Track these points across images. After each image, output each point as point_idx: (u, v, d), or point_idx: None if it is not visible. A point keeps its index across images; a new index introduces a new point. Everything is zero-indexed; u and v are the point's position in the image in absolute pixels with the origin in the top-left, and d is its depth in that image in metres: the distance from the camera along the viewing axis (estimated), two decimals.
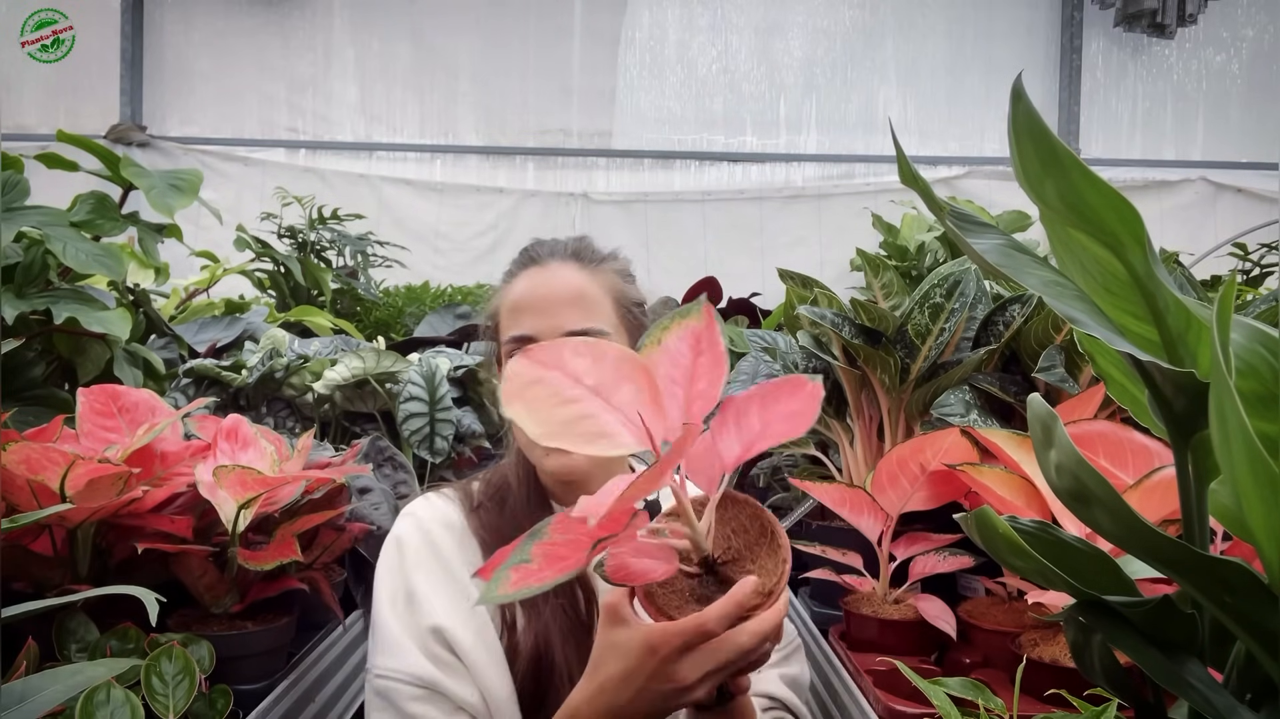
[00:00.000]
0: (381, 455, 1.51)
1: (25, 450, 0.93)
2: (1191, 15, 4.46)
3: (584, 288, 0.97)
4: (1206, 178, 4.72)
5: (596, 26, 4.85)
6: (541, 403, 0.64)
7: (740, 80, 4.89)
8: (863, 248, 1.79)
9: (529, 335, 0.95)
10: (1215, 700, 0.49)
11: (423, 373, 1.68)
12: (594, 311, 0.96)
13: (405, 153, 4.87)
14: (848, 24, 4.89)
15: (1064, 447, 0.52)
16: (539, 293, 0.97)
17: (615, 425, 0.64)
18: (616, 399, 0.65)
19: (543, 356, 0.64)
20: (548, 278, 0.98)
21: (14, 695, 0.63)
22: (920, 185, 0.55)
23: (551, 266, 0.99)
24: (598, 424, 0.64)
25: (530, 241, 1.05)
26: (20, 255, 1.32)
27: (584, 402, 0.64)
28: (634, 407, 0.65)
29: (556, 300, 0.96)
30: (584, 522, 0.61)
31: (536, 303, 0.96)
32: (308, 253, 3.00)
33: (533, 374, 0.64)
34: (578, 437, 0.64)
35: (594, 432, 0.64)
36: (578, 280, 0.97)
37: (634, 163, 4.88)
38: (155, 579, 1.03)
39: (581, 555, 0.60)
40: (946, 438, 1.12)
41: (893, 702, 0.98)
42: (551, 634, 0.91)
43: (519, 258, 1.04)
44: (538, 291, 0.97)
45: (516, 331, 0.96)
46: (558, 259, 1.00)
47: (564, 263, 0.99)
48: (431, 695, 0.89)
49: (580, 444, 0.63)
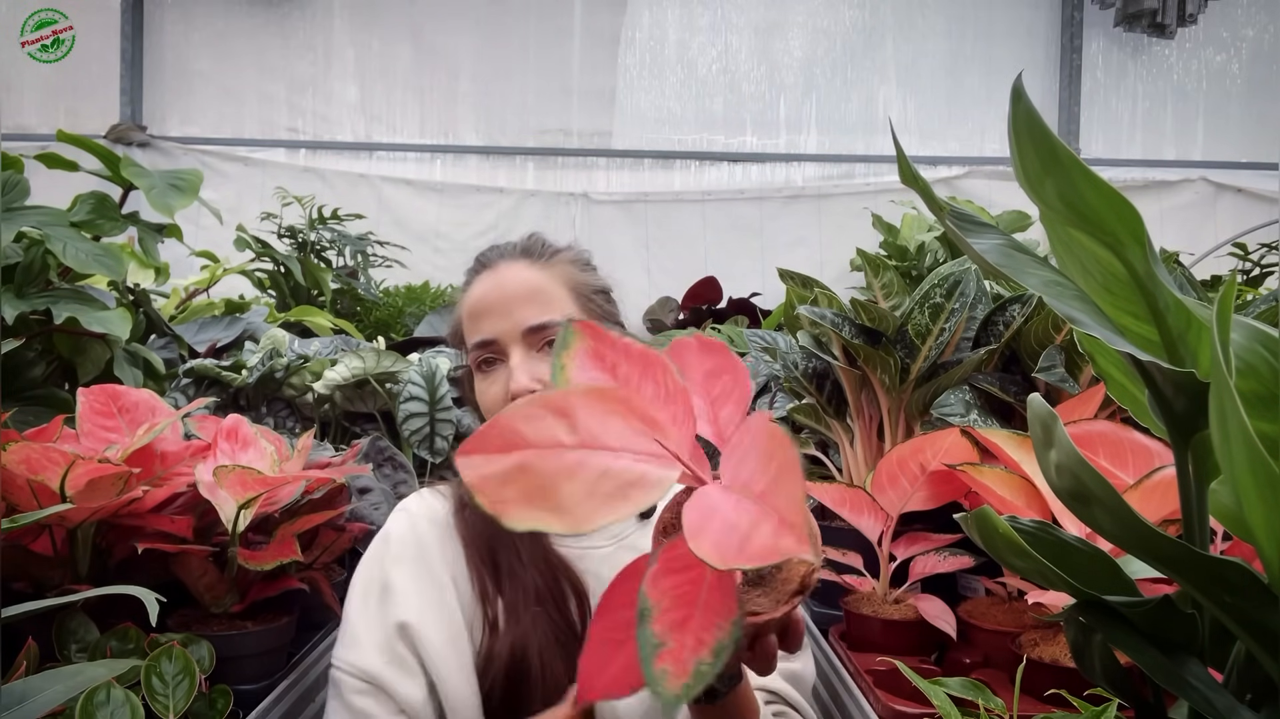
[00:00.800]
0: (381, 455, 1.51)
1: (25, 450, 0.93)
2: (1191, 15, 4.46)
3: (537, 282, 0.97)
4: (1206, 178, 4.72)
5: (596, 26, 4.85)
6: (536, 493, 0.46)
7: (740, 80, 4.89)
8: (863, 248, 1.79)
9: (489, 339, 0.96)
10: (1215, 700, 0.49)
11: (423, 373, 1.68)
12: (550, 305, 0.96)
13: (405, 153, 4.87)
14: (848, 24, 4.88)
15: (1064, 447, 0.52)
16: (492, 295, 0.97)
17: (635, 464, 0.49)
18: (615, 437, 0.49)
19: (496, 442, 0.46)
20: (499, 279, 0.98)
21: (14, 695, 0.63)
22: (920, 185, 0.55)
23: (501, 268, 0.99)
24: (618, 475, 0.48)
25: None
26: (20, 255, 1.32)
27: (585, 461, 0.48)
28: (640, 434, 0.50)
29: (511, 299, 0.96)
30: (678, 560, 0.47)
31: (492, 305, 0.97)
32: (308, 253, 3.00)
33: (498, 468, 0.46)
34: (610, 500, 0.47)
35: (622, 484, 0.47)
36: (529, 276, 0.98)
37: (634, 163, 4.88)
38: (155, 579, 1.03)
39: (730, 598, 0.46)
40: (946, 438, 1.12)
41: (893, 702, 0.98)
42: (530, 642, 0.91)
43: (471, 266, 1.04)
44: (491, 294, 0.98)
45: (477, 337, 0.97)
46: (507, 259, 1.00)
47: (514, 262, 1.00)
48: (375, 692, 0.89)
49: (622, 508, 0.46)
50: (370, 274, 3.21)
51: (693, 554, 0.44)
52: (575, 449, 0.47)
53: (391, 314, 2.97)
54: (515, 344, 0.95)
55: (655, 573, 0.47)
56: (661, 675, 0.42)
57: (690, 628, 0.45)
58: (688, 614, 0.45)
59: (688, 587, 0.47)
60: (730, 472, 0.50)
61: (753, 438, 0.50)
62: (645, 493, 0.47)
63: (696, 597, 0.46)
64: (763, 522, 0.44)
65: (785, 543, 0.42)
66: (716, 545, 0.44)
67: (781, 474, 0.46)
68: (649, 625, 0.44)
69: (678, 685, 0.42)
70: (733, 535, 0.44)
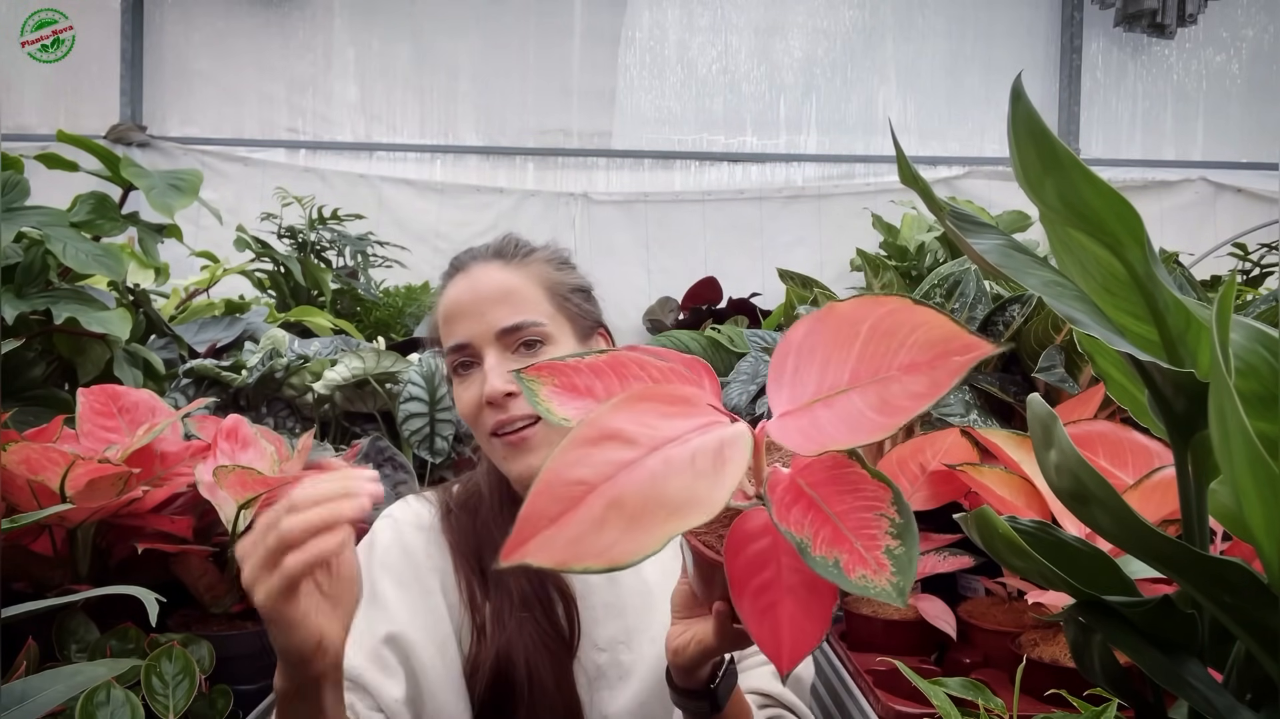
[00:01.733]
0: (381, 455, 1.51)
1: (25, 450, 0.93)
2: (1191, 15, 4.46)
3: (510, 284, 0.97)
4: (1206, 178, 4.72)
5: (596, 26, 4.85)
6: (640, 514, 0.43)
7: (740, 80, 4.89)
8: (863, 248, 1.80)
9: (464, 343, 0.95)
10: (1215, 700, 0.49)
11: (423, 373, 1.68)
12: (525, 305, 0.95)
13: (405, 153, 4.87)
14: (848, 24, 4.88)
15: (1064, 447, 0.52)
16: (465, 298, 0.97)
17: (707, 434, 0.48)
18: (669, 426, 0.48)
19: (555, 508, 0.42)
20: (472, 282, 0.98)
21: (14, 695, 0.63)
22: (920, 185, 0.55)
23: (474, 270, 0.99)
24: (704, 449, 0.47)
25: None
26: (20, 255, 1.32)
27: (669, 456, 0.46)
28: (682, 413, 0.50)
29: (483, 301, 0.96)
30: None
31: (465, 308, 0.96)
32: (308, 253, 3.00)
33: (582, 524, 0.42)
34: (715, 472, 0.46)
35: (713, 454, 0.47)
36: (501, 277, 0.97)
37: (634, 163, 4.88)
38: (155, 579, 1.03)
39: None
40: (946, 438, 1.12)
41: (893, 702, 0.98)
42: (515, 647, 0.91)
43: (446, 270, 1.04)
44: (464, 297, 0.97)
45: (452, 340, 0.97)
46: (480, 261, 1.00)
47: (487, 264, 0.99)
48: (354, 688, 0.89)
49: (731, 471, 0.46)
50: (370, 274, 3.21)
51: (793, 482, 0.48)
52: (647, 455, 0.46)
53: (391, 314, 2.97)
54: (489, 346, 0.94)
55: (778, 513, 0.48)
56: (864, 582, 0.43)
57: (844, 534, 0.46)
58: (831, 526, 0.46)
59: (810, 507, 0.48)
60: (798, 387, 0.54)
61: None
62: (736, 449, 0.47)
63: (823, 509, 0.47)
64: (850, 401, 0.49)
65: (879, 419, 0.48)
66: (823, 436, 0.49)
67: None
68: (813, 554, 0.45)
69: (886, 577, 0.43)
70: (831, 425, 0.49)
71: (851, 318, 0.53)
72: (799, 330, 0.54)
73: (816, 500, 0.49)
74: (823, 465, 0.52)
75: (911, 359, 0.50)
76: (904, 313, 0.51)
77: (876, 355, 0.52)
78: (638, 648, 0.96)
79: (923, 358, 0.50)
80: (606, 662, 0.96)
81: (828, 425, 0.51)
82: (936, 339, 0.50)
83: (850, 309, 0.53)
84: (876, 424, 0.50)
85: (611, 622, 0.97)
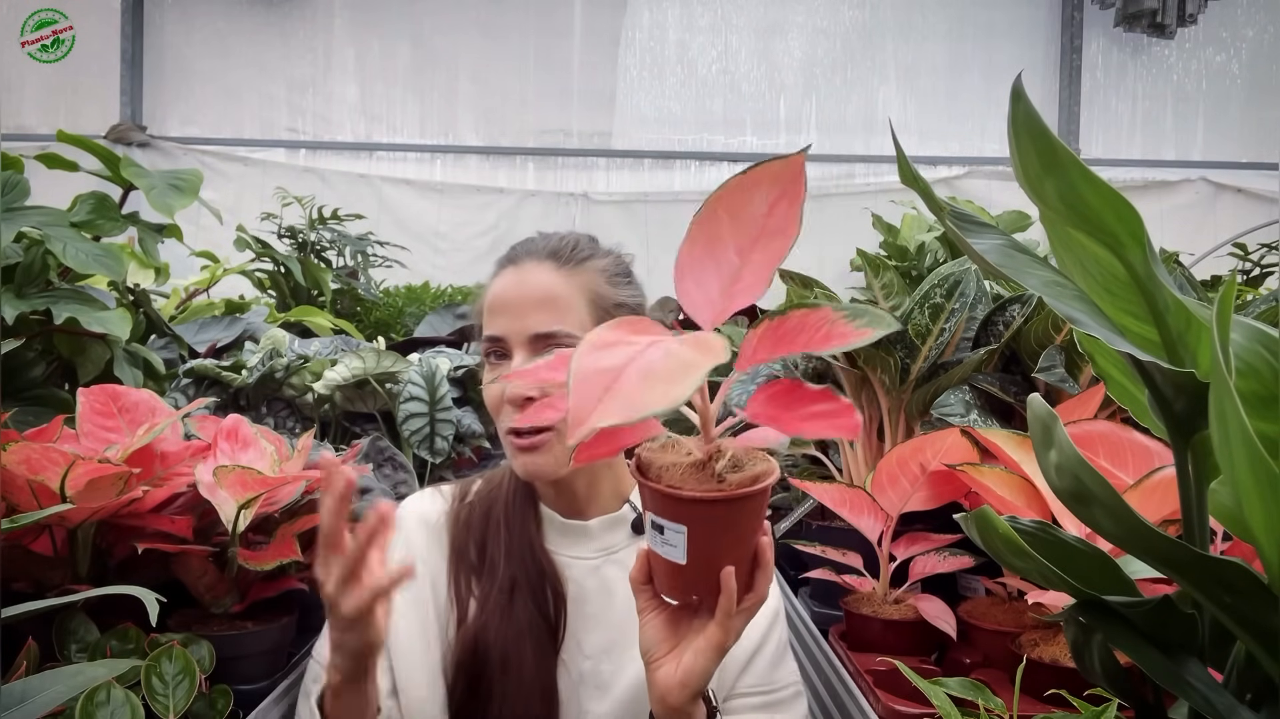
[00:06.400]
0: (381, 455, 1.51)
1: (25, 450, 0.93)
2: (1191, 15, 4.46)
3: (555, 290, 0.96)
4: (1206, 178, 4.72)
5: (596, 26, 4.85)
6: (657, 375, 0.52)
7: (740, 80, 4.89)
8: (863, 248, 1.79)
9: (498, 336, 0.96)
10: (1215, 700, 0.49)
11: (423, 373, 1.68)
12: (565, 314, 0.95)
13: (405, 153, 4.87)
14: (848, 24, 4.89)
15: (1064, 447, 0.52)
16: (509, 294, 0.97)
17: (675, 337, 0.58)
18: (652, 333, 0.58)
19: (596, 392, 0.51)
20: (520, 279, 0.97)
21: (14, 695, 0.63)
22: (920, 185, 0.55)
23: (526, 267, 0.98)
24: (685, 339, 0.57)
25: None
26: (20, 255, 1.32)
27: (658, 342, 0.56)
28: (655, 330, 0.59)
29: (526, 302, 0.95)
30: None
31: (507, 304, 0.96)
32: (308, 253, 3.00)
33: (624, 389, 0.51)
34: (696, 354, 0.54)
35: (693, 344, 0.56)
36: (549, 282, 0.96)
37: (634, 163, 4.88)
38: (155, 579, 1.03)
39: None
40: (946, 438, 1.12)
41: (893, 702, 0.98)
42: (491, 626, 0.94)
43: (501, 257, 1.03)
44: (509, 293, 0.97)
45: (489, 332, 0.97)
46: (533, 259, 0.98)
47: (539, 263, 0.98)
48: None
49: (719, 344, 0.55)
50: (370, 274, 3.20)
51: (758, 344, 0.62)
52: (648, 347, 0.55)
53: (391, 314, 2.97)
54: (521, 347, 0.94)
55: (758, 357, 0.63)
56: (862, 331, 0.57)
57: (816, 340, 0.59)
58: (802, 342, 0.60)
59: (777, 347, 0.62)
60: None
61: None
62: (708, 335, 0.57)
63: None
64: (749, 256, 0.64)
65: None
66: (751, 288, 0.63)
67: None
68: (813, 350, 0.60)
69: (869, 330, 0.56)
70: (750, 279, 0.63)
71: (709, 218, 0.64)
72: (682, 266, 0.65)
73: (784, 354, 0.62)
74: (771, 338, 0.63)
75: (768, 201, 0.63)
76: (742, 182, 0.63)
77: (743, 222, 0.63)
78: (619, 661, 0.97)
79: (774, 189, 0.62)
80: (590, 670, 0.97)
81: (748, 283, 0.63)
82: (776, 173, 0.62)
83: (704, 215, 0.64)
84: (776, 249, 0.63)
85: (599, 632, 0.98)
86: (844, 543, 1.26)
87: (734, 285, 0.64)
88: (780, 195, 0.62)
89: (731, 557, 0.70)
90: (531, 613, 0.95)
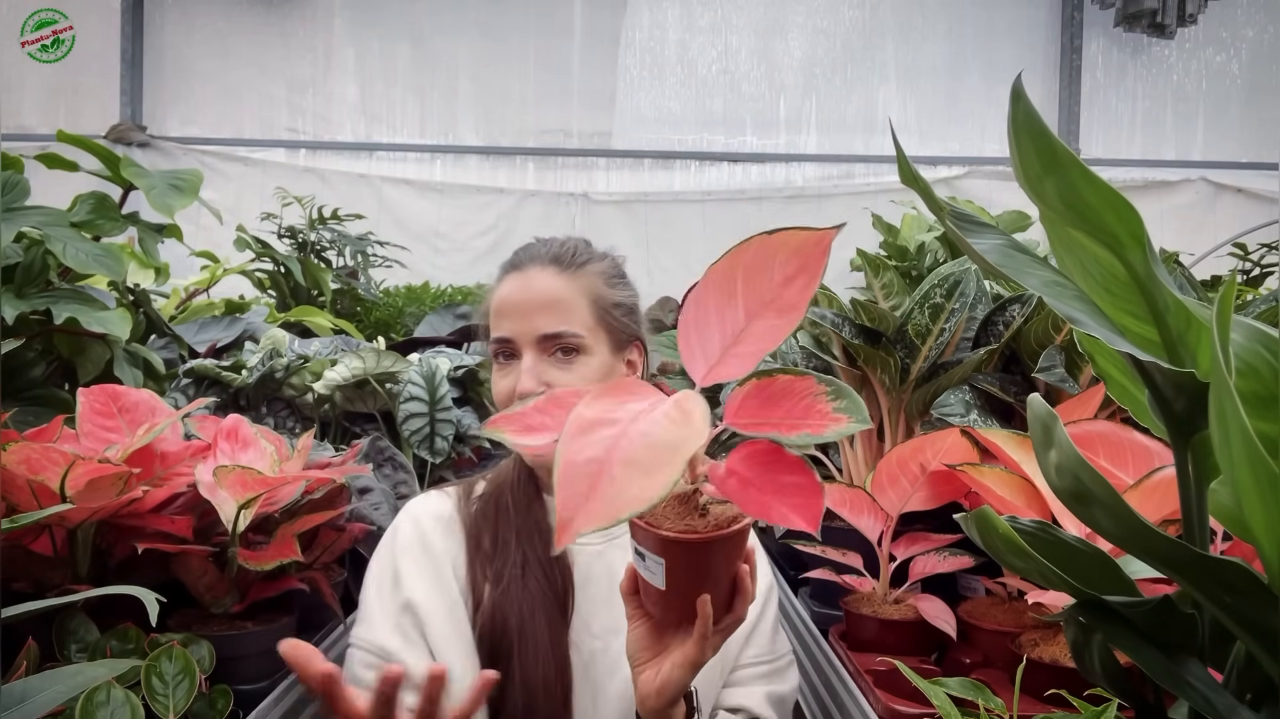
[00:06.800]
0: (381, 455, 1.51)
1: (25, 450, 0.93)
2: (1191, 15, 4.46)
3: (559, 293, 1.02)
4: (1206, 178, 4.72)
5: (596, 26, 4.85)
6: (643, 460, 0.54)
7: (740, 80, 4.89)
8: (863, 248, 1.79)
9: (506, 338, 1.02)
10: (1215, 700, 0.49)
11: (423, 373, 1.68)
12: (569, 315, 1.01)
13: (405, 153, 4.87)
14: (848, 24, 4.89)
15: (1064, 447, 0.52)
16: (515, 298, 1.03)
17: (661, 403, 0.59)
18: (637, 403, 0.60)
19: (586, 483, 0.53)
20: (525, 283, 1.03)
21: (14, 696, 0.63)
22: (920, 185, 0.55)
23: (530, 272, 1.04)
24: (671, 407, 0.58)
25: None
26: (20, 255, 1.32)
27: (647, 414, 0.58)
28: (640, 397, 0.61)
29: (531, 305, 1.02)
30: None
31: (513, 307, 1.03)
32: (308, 253, 3.00)
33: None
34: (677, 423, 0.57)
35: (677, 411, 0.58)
36: (553, 285, 1.03)
37: (634, 163, 4.88)
38: (155, 579, 1.03)
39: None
40: (946, 438, 1.12)
41: (893, 702, 0.98)
42: (509, 600, 0.97)
43: (505, 262, 1.10)
44: (514, 297, 1.03)
45: (497, 333, 1.04)
46: (537, 264, 1.05)
47: (543, 268, 1.04)
48: (380, 663, 0.95)
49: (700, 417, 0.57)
50: (370, 274, 3.20)
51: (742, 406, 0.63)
52: (630, 425, 0.56)
53: (391, 314, 2.97)
54: (529, 347, 1.01)
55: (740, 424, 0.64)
56: (837, 432, 0.59)
57: (797, 422, 0.61)
58: (786, 425, 0.62)
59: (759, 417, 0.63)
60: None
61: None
62: (691, 400, 0.59)
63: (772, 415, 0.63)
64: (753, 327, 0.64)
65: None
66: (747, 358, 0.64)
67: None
68: (787, 437, 0.61)
69: (846, 421, 0.59)
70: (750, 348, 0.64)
71: (725, 273, 0.64)
72: (688, 312, 0.65)
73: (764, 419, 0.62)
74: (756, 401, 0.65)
75: (785, 273, 0.62)
76: (766, 245, 0.63)
77: (757, 286, 0.63)
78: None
79: (794, 262, 0.62)
80: (600, 649, 1.00)
81: (746, 350, 0.63)
82: (799, 245, 0.62)
83: (720, 268, 0.64)
84: (783, 325, 0.63)
85: (606, 613, 1.01)
86: (844, 543, 1.26)
87: (735, 346, 0.64)
88: (799, 269, 0.62)
89: (710, 588, 0.73)
90: (543, 587, 0.99)
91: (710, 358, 0.65)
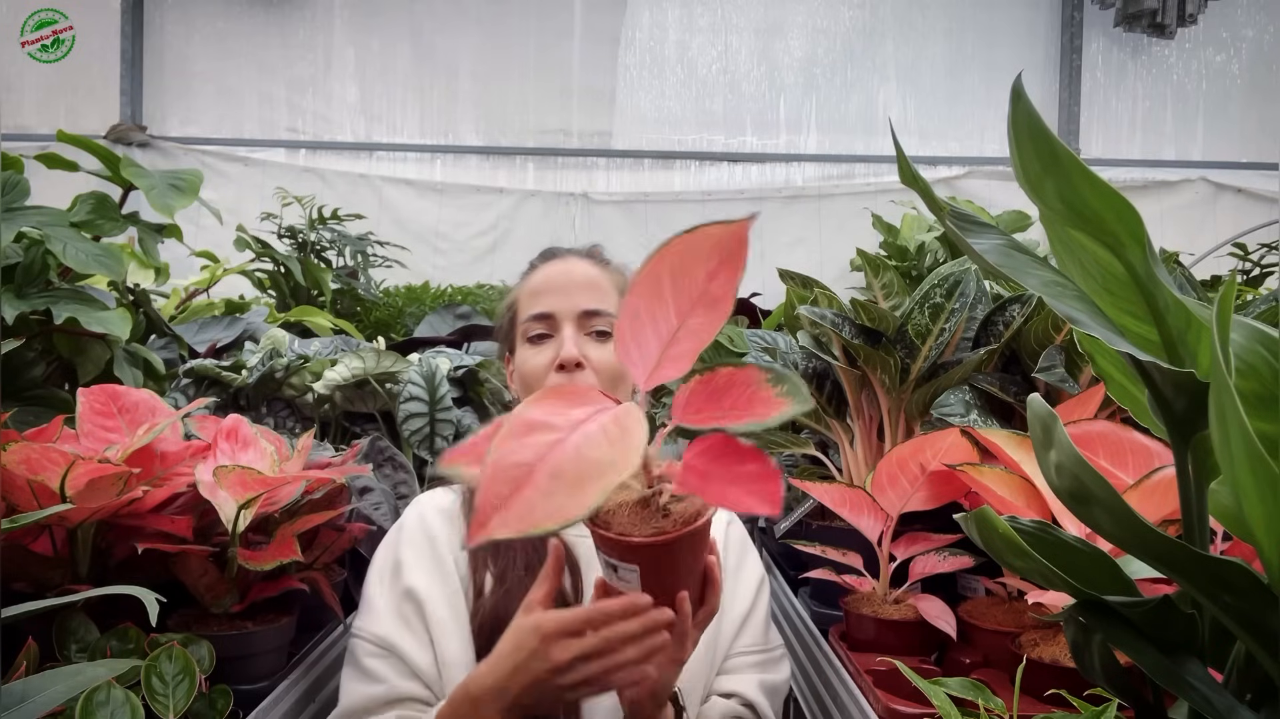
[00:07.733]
0: (381, 455, 1.51)
1: (25, 450, 0.93)
2: (1191, 15, 4.46)
3: (598, 278, 1.10)
4: (1206, 178, 4.72)
5: (596, 26, 4.85)
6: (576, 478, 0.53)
7: (740, 80, 4.89)
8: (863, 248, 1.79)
9: (547, 312, 1.07)
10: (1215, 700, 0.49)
11: (423, 373, 1.68)
12: (605, 298, 1.08)
13: (405, 153, 4.86)
14: (848, 24, 4.88)
15: (1064, 447, 0.52)
16: (559, 278, 1.10)
17: (608, 410, 0.59)
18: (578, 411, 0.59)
19: (505, 488, 0.52)
20: (567, 267, 1.11)
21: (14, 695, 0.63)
22: (920, 185, 0.55)
23: (569, 260, 1.13)
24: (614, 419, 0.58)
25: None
26: (20, 255, 1.32)
27: (584, 428, 0.57)
28: (584, 403, 0.60)
29: (574, 283, 1.08)
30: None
31: (556, 285, 1.09)
32: (308, 253, 3.00)
33: (527, 498, 0.52)
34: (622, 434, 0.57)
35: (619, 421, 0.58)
36: (592, 271, 1.11)
37: (634, 163, 4.88)
38: (155, 579, 1.02)
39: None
40: (946, 438, 1.12)
41: (893, 702, 0.98)
42: (512, 601, 0.96)
43: (537, 257, 1.17)
44: (558, 277, 1.10)
45: (536, 309, 1.08)
46: (574, 255, 1.14)
47: (580, 259, 1.13)
48: (388, 655, 0.98)
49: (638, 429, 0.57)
50: (370, 274, 3.20)
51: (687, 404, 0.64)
52: (568, 434, 0.55)
53: (391, 314, 2.97)
54: (569, 321, 1.06)
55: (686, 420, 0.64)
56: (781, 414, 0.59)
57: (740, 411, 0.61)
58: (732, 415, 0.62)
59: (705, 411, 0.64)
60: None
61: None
62: (632, 418, 0.58)
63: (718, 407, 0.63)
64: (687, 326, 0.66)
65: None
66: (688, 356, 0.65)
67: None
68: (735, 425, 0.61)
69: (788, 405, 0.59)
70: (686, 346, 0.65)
71: (652, 276, 0.64)
72: (623, 321, 0.66)
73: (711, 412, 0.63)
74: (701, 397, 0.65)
75: (708, 268, 0.63)
76: (688, 243, 0.64)
77: (685, 285, 0.64)
78: None
79: (715, 256, 0.63)
80: None
81: (682, 350, 0.64)
82: (720, 238, 0.63)
83: (646, 271, 0.65)
84: (713, 319, 0.63)
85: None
86: (844, 543, 1.26)
87: (672, 348, 0.65)
88: (722, 263, 0.63)
89: (684, 583, 0.75)
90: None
91: (649, 362, 0.65)
